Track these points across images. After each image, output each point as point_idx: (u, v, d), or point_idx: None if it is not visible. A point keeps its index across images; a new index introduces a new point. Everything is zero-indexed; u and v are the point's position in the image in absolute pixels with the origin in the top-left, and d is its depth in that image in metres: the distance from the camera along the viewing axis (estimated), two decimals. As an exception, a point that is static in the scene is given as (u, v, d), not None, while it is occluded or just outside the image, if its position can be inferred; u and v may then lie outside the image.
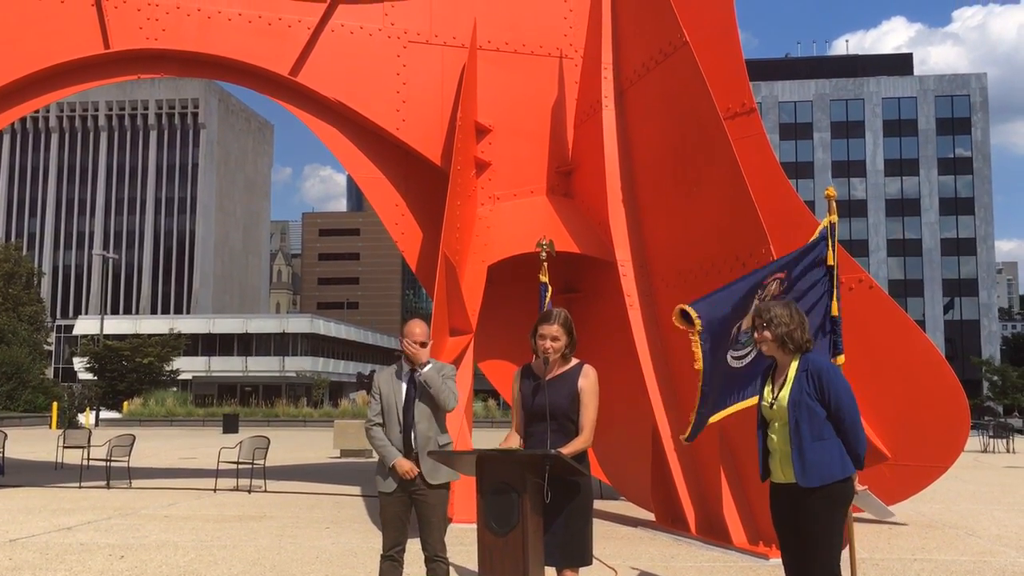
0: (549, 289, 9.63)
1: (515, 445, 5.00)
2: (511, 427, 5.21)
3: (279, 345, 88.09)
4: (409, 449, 5.48)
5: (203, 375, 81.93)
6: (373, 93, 12.60)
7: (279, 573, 7.57)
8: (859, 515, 9.55)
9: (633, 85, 11.28)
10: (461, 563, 7.82)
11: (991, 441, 27.32)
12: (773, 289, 6.33)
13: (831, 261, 6.37)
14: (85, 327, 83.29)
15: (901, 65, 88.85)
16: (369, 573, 7.29)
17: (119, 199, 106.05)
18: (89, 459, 15.70)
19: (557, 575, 4.88)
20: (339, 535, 9.64)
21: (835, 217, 6.58)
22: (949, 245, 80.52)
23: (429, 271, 11.68)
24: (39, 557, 8.29)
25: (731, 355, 6.38)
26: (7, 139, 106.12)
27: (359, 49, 12.76)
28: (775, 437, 4.72)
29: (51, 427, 41.83)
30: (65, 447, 17.14)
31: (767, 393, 4.81)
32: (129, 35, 12.66)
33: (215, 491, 13.73)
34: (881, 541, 9.27)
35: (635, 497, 11.59)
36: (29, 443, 27.24)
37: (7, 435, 17.36)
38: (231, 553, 8.50)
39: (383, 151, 12.89)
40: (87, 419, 44.92)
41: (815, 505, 4.56)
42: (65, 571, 7.65)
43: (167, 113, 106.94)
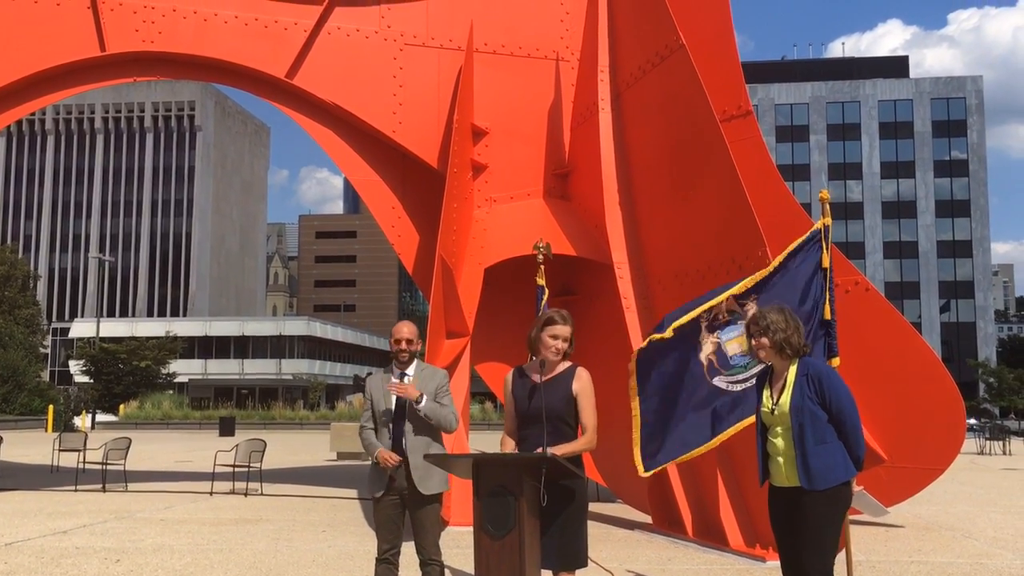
0: (546, 292, 9.63)
1: (511, 450, 5.00)
2: (504, 429, 5.19)
3: (276, 348, 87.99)
4: (401, 456, 5.44)
5: (199, 378, 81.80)
6: (370, 96, 12.60)
7: (275, 576, 7.56)
8: (856, 517, 9.55)
9: (630, 88, 11.28)
10: (458, 566, 7.81)
11: (987, 443, 27.35)
12: (721, 308, 6.43)
13: (826, 264, 6.38)
14: (81, 330, 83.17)
15: (897, 68, 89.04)
16: (366, 576, 7.28)
17: (115, 201, 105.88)
18: (85, 462, 15.67)
19: None
20: (335, 538, 9.62)
21: (829, 219, 6.60)
22: (945, 247, 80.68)
23: (426, 274, 11.67)
24: (34, 561, 8.27)
25: (725, 380, 6.43)
26: (3, 141, 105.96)
27: (356, 52, 12.76)
28: (777, 442, 4.73)
29: (47, 430, 41.76)
30: (61, 450, 17.10)
31: (766, 399, 4.81)
32: (125, 38, 12.65)
33: (211, 494, 13.70)
34: (877, 543, 9.28)
35: (632, 499, 11.59)
36: (25, 446, 27.18)
37: (2, 438, 17.33)
38: (227, 557, 8.49)
39: (380, 154, 12.89)
40: (83, 422, 44.85)
41: (817, 508, 4.58)
42: (61, 575, 7.63)
43: (163, 115, 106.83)
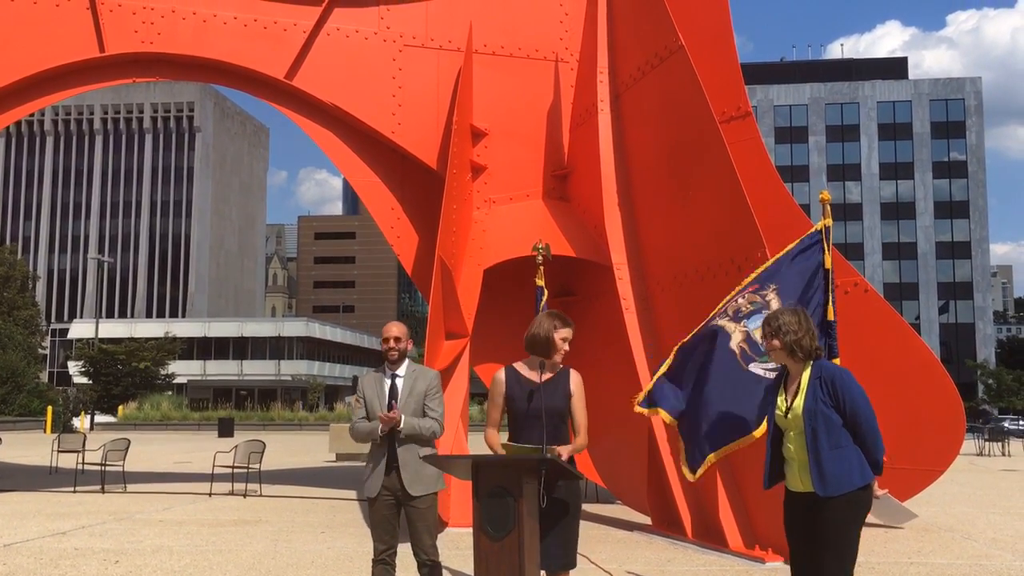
0: (545, 293, 9.63)
1: (499, 443, 5.04)
2: (487, 427, 5.19)
3: (274, 349, 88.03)
4: (393, 458, 5.45)
5: (198, 379, 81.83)
6: (369, 97, 12.60)
7: (274, 578, 7.55)
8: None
9: (629, 89, 11.28)
10: (458, 567, 7.81)
11: (986, 444, 27.36)
12: (742, 302, 6.38)
13: (827, 265, 6.37)
14: (80, 331, 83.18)
15: (896, 69, 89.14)
16: (365, 577, 7.27)
17: (114, 202, 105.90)
18: (84, 463, 15.66)
19: None
20: (334, 540, 9.61)
21: (829, 220, 6.60)
22: (944, 248, 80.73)
23: (425, 275, 11.66)
24: (33, 562, 8.26)
25: (761, 367, 6.36)
26: (2, 142, 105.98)
27: (355, 53, 12.76)
28: (791, 446, 4.66)
29: (46, 431, 41.74)
30: (60, 451, 17.09)
31: (780, 402, 4.75)
32: (124, 39, 12.65)
33: (210, 495, 13.69)
34: (877, 545, 9.27)
35: (631, 501, 11.59)
36: (23, 447, 27.16)
37: (2, 439, 17.33)
38: (226, 558, 8.48)
39: (379, 155, 12.89)
40: (82, 423, 44.83)
41: (834, 514, 4.49)
42: (59, 576, 7.63)
43: (162, 116, 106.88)
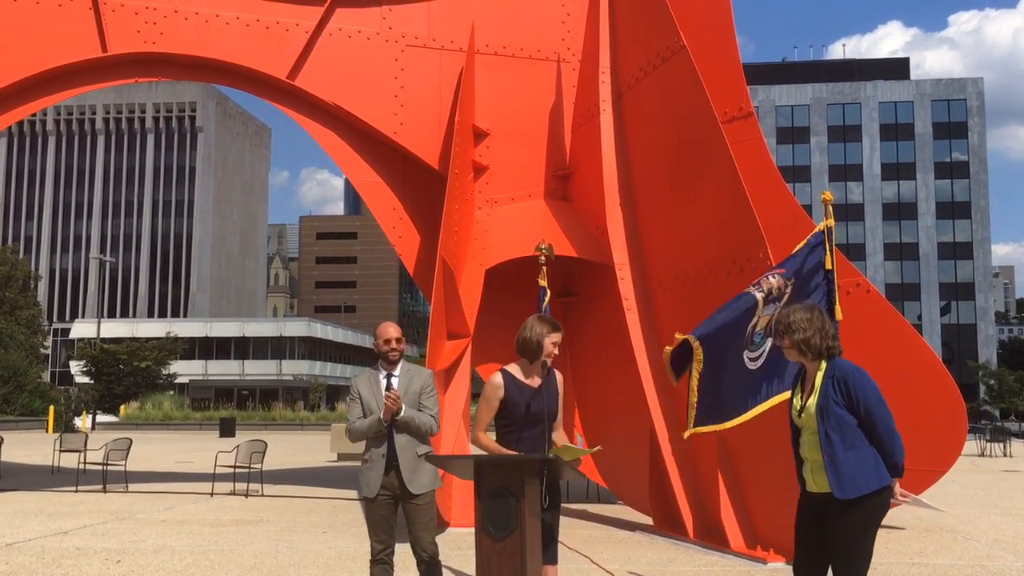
0: (548, 293, 9.62)
1: (494, 448, 5.04)
2: (478, 429, 5.18)
3: (276, 349, 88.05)
4: (392, 458, 5.46)
5: (200, 379, 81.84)
6: (371, 97, 12.60)
7: (276, 577, 7.56)
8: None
9: (631, 89, 11.28)
10: (460, 567, 7.81)
11: (988, 445, 27.34)
12: (775, 283, 6.32)
13: (829, 265, 6.37)
14: (82, 330, 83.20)
15: (898, 69, 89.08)
16: (366, 577, 7.28)
17: (116, 202, 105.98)
18: (86, 463, 15.67)
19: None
20: (336, 539, 9.62)
21: (832, 221, 6.59)
22: (946, 249, 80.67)
23: (427, 275, 11.67)
24: (35, 561, 8.27)
25: (747, 355, 6.35)
26: (4, 142, 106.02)
27: (357, 53, 12.76)
28: (806, 446, 4.60)
29: (47, 431, 41.77)
30: (62, 451, 17.10)
31: (796, 401, 4.69)
32: (127, 39, 12.65)
33: (212, 495, 13.70)
34: (879, 545, 9.22)
35: (633, 501, 11.59)
36: (25, 447, 27.19)
37: (3, 439, 17.34)
38: (228, 558, 8.49)
39: (381, 155, 12.89)
40: (84, 423, 44.85)
41: (850, 517, 4.41)
42: (61, 575, 7.63)
43: (164, 116, 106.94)
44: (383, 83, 12.64)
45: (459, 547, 8.77)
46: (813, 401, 4.54)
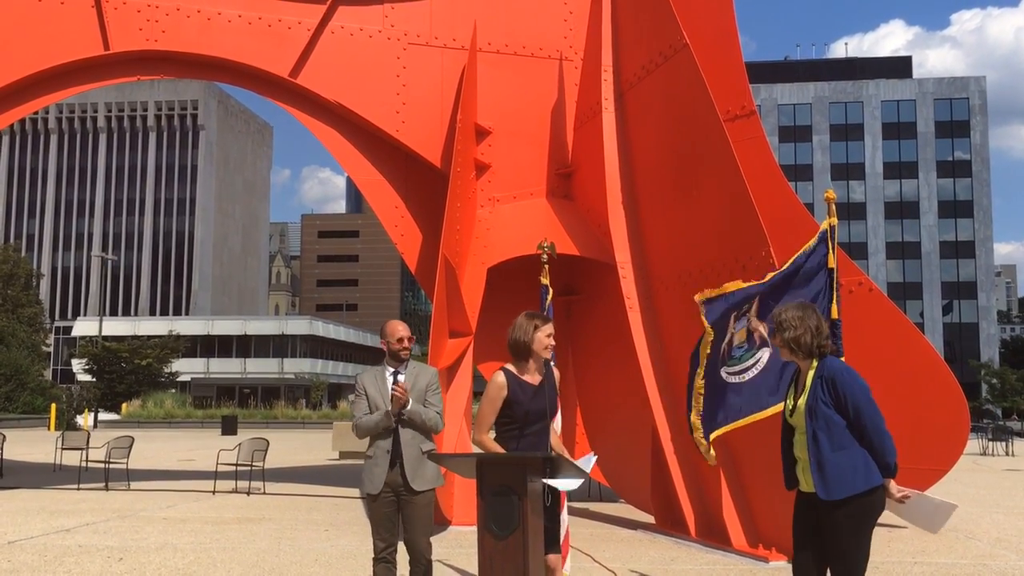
0: (550, 291, 9.62)
1: (495, 448, 5.03)
2: (481, 430, 5.12)
3: (278, 347, 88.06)
4: (396, 454, 5.46)
5: (202, 377, 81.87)
6: (373, 95, 12.60)
7: None
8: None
9: (633, 87, 11.27)
10: (462, 566, 7.82)
11: (990, 444, 27.33)
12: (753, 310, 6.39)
13: (831, 264, 6.36)
14: (84, 328, 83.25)
15: (900, 68, 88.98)
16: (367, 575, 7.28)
17: (118, 200, 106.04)
18: (88, 461, 15.68)
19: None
20: (338, 538, 9.62)
21: (835, 220, 6.59)
22: (948, 248, 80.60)
23: (429, 273, 11.67)
24: (37, 559, 8.28)
25: (725, 371, 6.39)
26: (6, 140, 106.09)
27: (359, 51, 12.75)
28: (797, 446, 4.59)
29: (49, 429, 41.80)
30: (63, 449, 17.12)
31: (789, 401, 4.67)
32: (129, 36, 12.65)
33: (214, 493, 13.71)
34: (881, 544, 9.26)
35: (634, 499, 11.58)
36: (27, 445, 27.22)
37: (5, 436, 17.35)
38: (230, 555, 8.49)
39: (383, 153, 12.89)
40: (85, 421, 44.89)
41: (839, 519, 4.38)
42: (64, 573, 7.63)
43: (166, 115, 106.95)
44: (385, 81, 12.63)
45: (461, 546, 8.77)
46: (803, 400, 4.53)
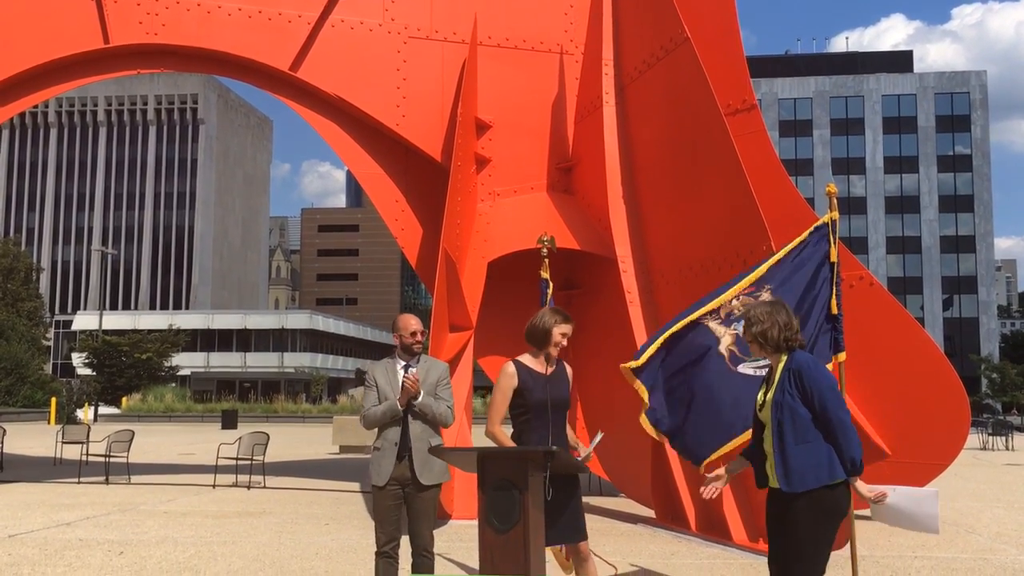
0: (550, 285, 9.61)
1: (506, 440, 5.13)
2: (493, 422, 5.26)
3: (278, 341, 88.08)
4: (405, 447, 5.47)
5: (202, 371, 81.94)
6: (373, 89, 12.58)
7: (278, 569, 7.56)
8: (861, 511, 9.54)
9: (634, 81, 11.26)
10: (462, 560, 7.82)
11: (990, 438, 27.35)
12: (735, 304, 6.34)
13: (833, 258, 6.35)
14: (84, 322, 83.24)
15: (901, 62, 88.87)
16: (368, 569, 7.27)
17: (118, 194, 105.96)
18: (88, 455, 15.69)
19: (569, 551, 5.19)
20: (338, 531, 9.63)
21: (836, 214, 6.57)
22: (948, 243, 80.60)
23: (429, 267, 11.66)
24: (38, 553, 8.28)
25: (751, 366, 6.31)
26: (6, 134, 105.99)
27: (359, 44, 12.73)
28: (767, 441, 4.55)
29: (50, 422, 41.83)
30: (64, 443, 17.13)
31: (760, 396, 4.65)
32: (129, 30, 12.63)
33: (214, 487, 13.72)
34: (881, 539, 9.27)
35: (635, 494, 11.59)
36: (28, 438, 27.23)
37: (6, 430, 17.35)
38: (231, 549, 8.49)
39: (383, 147, 12.87)
40: (86, 415, 44.92)
41: (798, 512, 4.35)
42: (64, 567, 7.64)
43: (166, 108, 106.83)
44: (385, 75, 12.61)
45: (461, 539, 8.78)
46: (771, 395, 4.51)
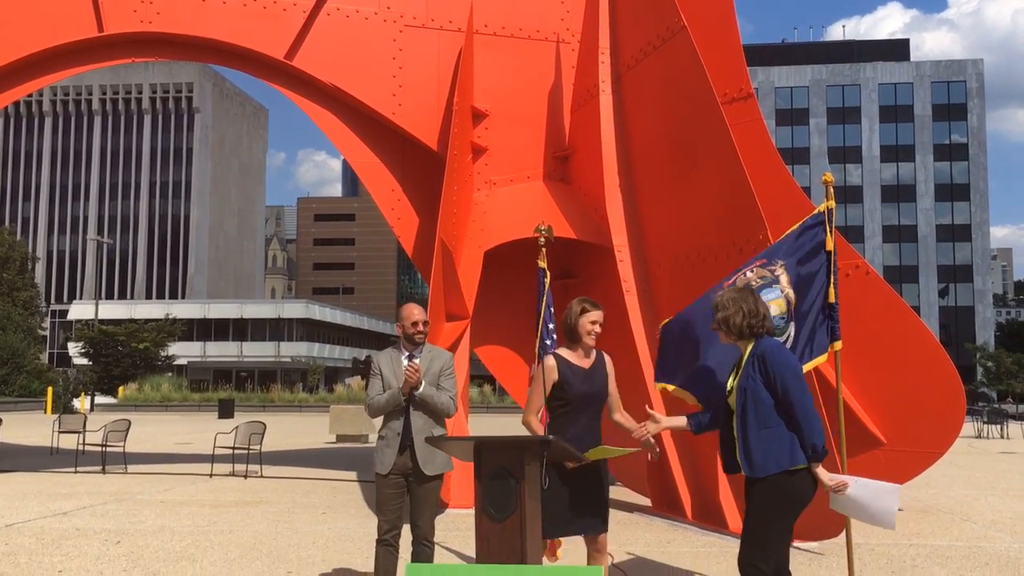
0: (548, 275, 9.60)
1: (541, 431, 5.19)
2: (529, 412, 5.29)
3: (274, 330, 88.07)
4: (407, 438, 5.49)
5: (198, 360, 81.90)
6: (369, 77, 12.53)
7: (276, 558, 7.57)
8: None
9: (630, 70, 11.23)
10: (459, 548, 7.84)
11: (985, 427, 27.43)
12: (751, 276, 6.27)
13: (829, 247, 6.34)
14: (80, 312, 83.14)
15: (898, 51, 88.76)
16: (366, 558, 7.30)
17: (113, 184, 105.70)
18: (84, 444, 15.70)
19: (588, 542, 5.21)
20: (335, 520, 9.64)
21: (832, 202, 6.56)
22: (944, 231, 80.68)
23: (425, 256, 11.64)
24: (35, 542, 8.29)
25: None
26: (0, 123, 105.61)
27: (355, 33, 12.67)
28: (734, 427, 4.59)
29: (46, 412, 41.83)
30: (60, 432, 17.13)
31: (729, 382, 4.69)
32: (123, 18, 12.56)
33: (211, 476, 13.73)
34: (876, 527, 9.29)
35: (631, 483, 11.62)
36: (24, 428, 27.22)
37: (2, 420, 17.37)
38: (228, 538, 8.51)
39: (379, 136, 12.83)
40: (82, 404, 44.90)
41: (756, 496, 4.40)
42: (61, 556, 7.64)
43: (161, 97, 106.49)
44: (381, 63, 12.56)
45: (458, 528, 8.79)
46: (738, 381, 4.55)
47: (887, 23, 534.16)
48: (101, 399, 51.54)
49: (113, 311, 79.42)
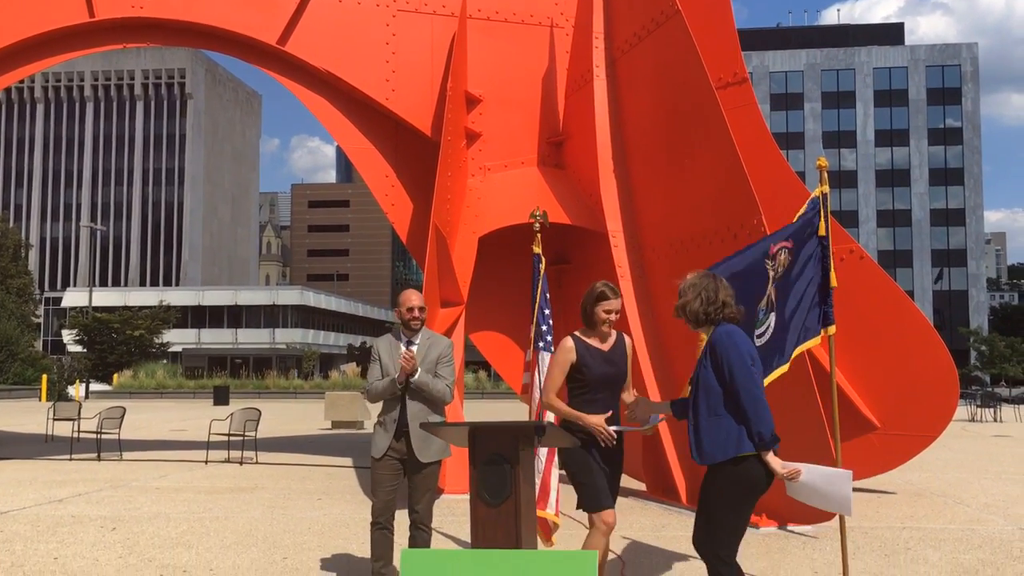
0: (543, 260, 9.59)
1: (565, 410, 5.11)
2: (549, 393, 5.19)
3: (269, 317, 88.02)
4: (403, 423, 5.51)
5: (193, 347, 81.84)
6: (362, 63, 12.47)
7: (271, 544, 7.59)
8: (858, 483, 9.60)
9: (625, 54, 11.19)
10: (453, 533, 7.86)
11: (979, 410, 27.55)
12: (783, 259, 6.20)
13: (823, 232, 6.34)
14: (74, 299, 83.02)
15: (892, 34, 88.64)
16: (361, 543, 7.32)
17: (106, 170, 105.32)
18: (79, 431, 15.68)
19: (607, 516, 5.14)
20: (331, 506, 9.66)
21: (826, 187, 6.56)
22: (938, 216, 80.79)
23: (420, 242, 11.63)
24: (30, 529, 8.29)
25: (755, 334, 6.27)
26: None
27: (348, 18, 12.61)
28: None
29: (40, 399, 41.80)
30: (55, 419, 17.11)
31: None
32: (114, 3, 12.48)
33: (206, 463, 13.73)
34: (870, 510, 9.34)
35: (626, 467, 11.63)
36: (18, 416, 27.21)
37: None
38: (223, 524, 8.52)
39: (373, 122, 12.79)
40: (77, 391, 44.88)
41: (709, 483, 4.43)
42: (57, 543, 7.65)
43: (153, 83, 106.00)
44: (374, 49, 12.50)
45: (453, 513, 8.82)
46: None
47: (881, 7, 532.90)
48: (96, 386, 51.51)
49: (107, 298, 79.22)
